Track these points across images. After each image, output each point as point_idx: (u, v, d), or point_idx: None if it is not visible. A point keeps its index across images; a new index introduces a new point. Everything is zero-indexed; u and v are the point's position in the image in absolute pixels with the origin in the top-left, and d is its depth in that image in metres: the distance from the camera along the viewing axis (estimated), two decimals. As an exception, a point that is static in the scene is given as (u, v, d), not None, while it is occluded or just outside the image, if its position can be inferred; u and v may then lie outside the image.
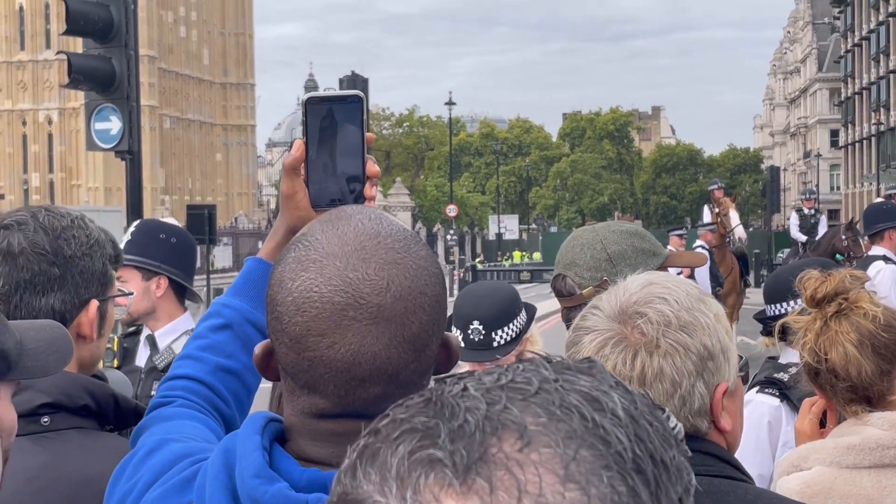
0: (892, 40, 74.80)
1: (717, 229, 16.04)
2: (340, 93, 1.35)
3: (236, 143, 68.29)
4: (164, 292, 3.28)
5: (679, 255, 2.31)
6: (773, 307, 3.24)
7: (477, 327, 2.91)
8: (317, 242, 1.07)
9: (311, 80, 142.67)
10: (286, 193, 1.38)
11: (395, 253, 1.06)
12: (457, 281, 43.21)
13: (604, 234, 2.14)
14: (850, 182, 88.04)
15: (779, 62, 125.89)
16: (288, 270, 1.07)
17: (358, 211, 1.12)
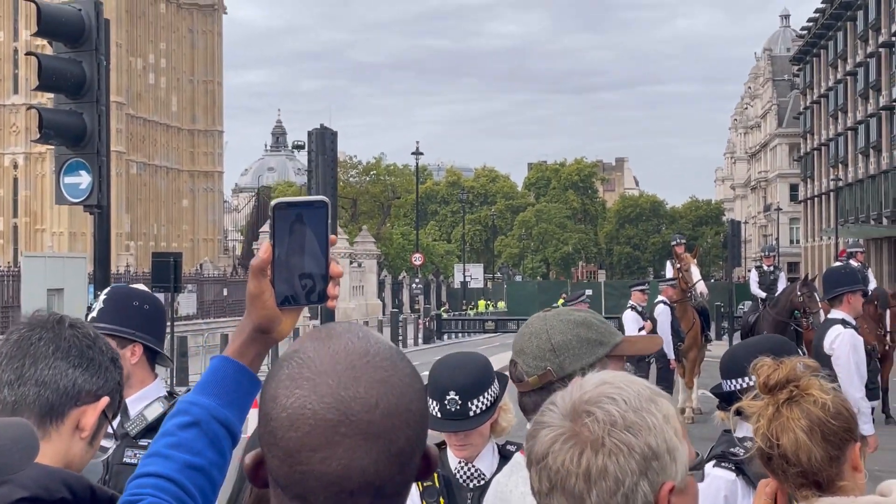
0: (849, 99, 76.36)
1: (678, 284, 16.27)
2: (307, 198, 1.43)
3: (203, 189, 68.11)
4: (139, 359, 3.36)
5: (632, 343, 2.25)
6: (729, 383, 3.27)
7: (453, 397, 3.00)
8: (309, 360, 1.13)
9: (280, 126, 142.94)
10: (253, 293, 1.44)
11: (384, 371, 1.13)
12: (421, 330, 43.18)
13: (551, 323, 2.18)
14: (810, 236, 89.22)
15: (740, 117, 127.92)
16: (282, 387, 1.13)
17: (347, 329, 1.18)
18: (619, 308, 25.81)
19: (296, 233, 1.41)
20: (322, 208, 1.42)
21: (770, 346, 3.12)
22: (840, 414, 2.08)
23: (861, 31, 73.07)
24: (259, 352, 1.50)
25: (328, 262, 1.43)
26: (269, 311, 1.43)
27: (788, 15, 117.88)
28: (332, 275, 1.43)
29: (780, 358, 2.91)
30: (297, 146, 34.89)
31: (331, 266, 1.43)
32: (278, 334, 1.48)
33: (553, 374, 2.12)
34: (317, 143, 16.44)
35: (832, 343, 6.77)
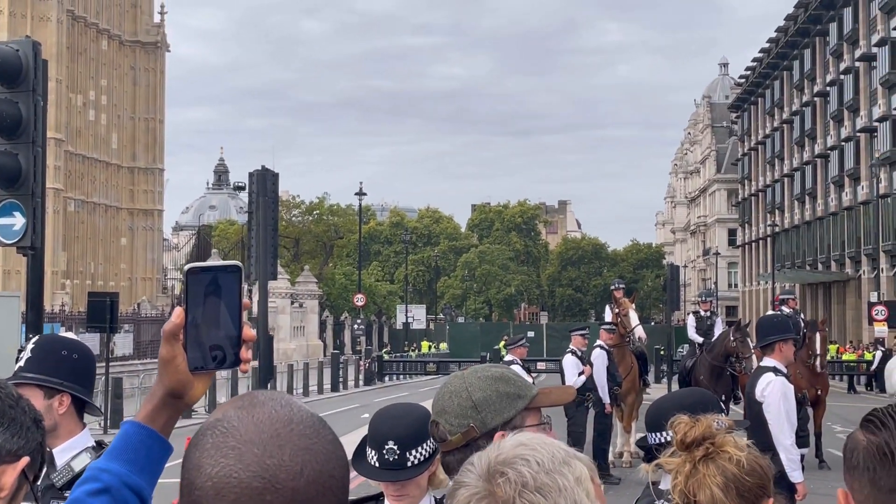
0: (786, 146, 78.10)
1: (617, 329, 16.44)
2: (220, 263, 1.45)
3: (142, 227, 67.27)
4: (67, 409, 3.31)
5: (547, 395, 2.27)
6: (654, 436, 3.30)
7: (392, 447, 3.01)
8: (234, 429, 1.14)
9: (222, 164, 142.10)
10: (166, 358, 1.45)
11: (308, 439, 1.15)
12: (362, 371, 42.92)
13: (470, 380, 2.23)
14: (747, 280, 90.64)
15: (680, 162, 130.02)
16: (206, 455, 1.14)
17: (270, 397, 1.20)
18: (561, 350, 25.96)
19: (209, 297, 1.43)
20: (235, 273, 1.44)
21: (692, 400, 3.18)
22: (754, 471, 2.12)
23: (797, 80, 74.94)
24: (171, 417, 1.50)
25: (241, 326, 1.44)
26: (181, 376, 1.44)
27: (727, 63, 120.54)
28: (244, 339, 1.45)
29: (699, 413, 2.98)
30: (239, 187, 34.67)
31: (243, 330, 1.45)
32: (190, 399, 1.49)
33: (476, 431, 2.15)
34: (258, 184, 16.41)
35: (763, 391, 6.87)
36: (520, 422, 2.19)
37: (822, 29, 68.46)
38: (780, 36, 77.23)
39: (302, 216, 77.82)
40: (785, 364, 7.06)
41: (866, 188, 59.26)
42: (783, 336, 6.98)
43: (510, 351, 14.11)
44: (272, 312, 48.73)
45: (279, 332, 53.32)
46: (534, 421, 2.21)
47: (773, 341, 6.95)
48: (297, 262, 70.58)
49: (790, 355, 7.13)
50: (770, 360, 6.99)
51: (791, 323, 8.00)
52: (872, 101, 59.32)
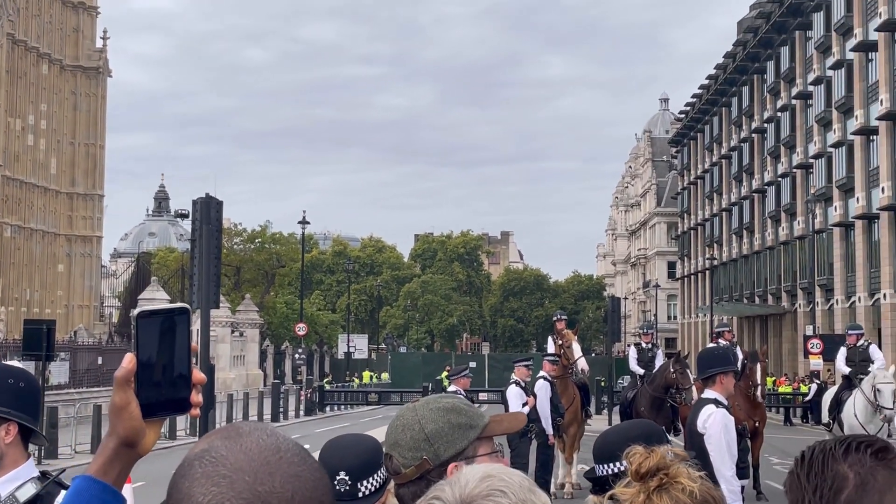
0: (724, 181, 79.46)
1: (560, 361, 16.53)
2: (169, 307, 1.45)
3: (80, 254, 66.17)
4: (13, 439, 3.27)
5: (499, 423, 2.29)
6: (601, 467, 3.29)
7: (343, 478, 3.01)
8: (223, 458, 1.17)
9: (163, 191, 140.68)
10: (119, 405, 1.41)
11: (296, 466, 1.19)
12: (303, 401, 42.56)
13: (422, 413, 2.24)
14: (686, 312, 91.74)
15: (621, 195, 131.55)
16: (197, 485, 1.16)
17: (255, 427, 1.23)
18: (502, 381, 26.00)
19: (159, 341, 1.43)
20: (184, 315, 1.44)
21: (639, 432, 3.22)
22: (706, 502, 2.13)
23: (735, 117, 76.42)
24: (123, 468, 1.47)
25: (191, 369, 1.44)
26: (135, 423, 1.42)
27: (668, 98, 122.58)
28: (195, 382, 1.44)
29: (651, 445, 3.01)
30: (181, 214, 34.18)
31: (193, 373, 1.44)
32: (143, 448, 1.45)
33: (429, 463, 2.16)
34: (202, 212, 16.28)
35: (705, 422, 6.94)
36: (472, 452, 2.20)
37: (760, 67, 70.00)
38: (720, 73, 78.78)
39: (244, 244, 77.22)
40: (725, 396, 7.13)
41: (802, 223, 60.48)
42: (724, 368, 7.05)
43: (453, 381, 14.10)
44: (212, 341, 48.18)
45: (219, 362, 52.70)
46: (486, 450, 2.22)
47: (714, 373, 7.03)
48: (238, 290, 69.91)
49: (730, 387, 7.20)
50: (711, 391, 7.05)
51: (731, 355, 8.09)
52: (808, 138, 60.69)
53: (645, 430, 3.29)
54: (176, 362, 1.43)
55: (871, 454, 1.59)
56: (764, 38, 67.54)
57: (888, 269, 48.29)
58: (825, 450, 1.60)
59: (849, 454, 1.59)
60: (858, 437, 1.64)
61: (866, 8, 51.92)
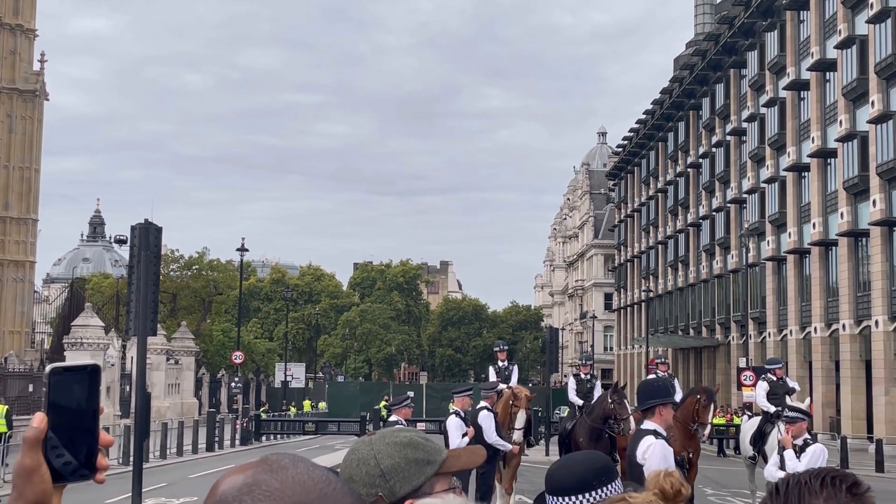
0: (660, 214, 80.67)
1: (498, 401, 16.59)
2: (80, 363, 1.38)
3: (12, 279, 64.82)
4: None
5: (457, 458, 2.24)
6: (555, 499, 3.23)
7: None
8: (278, 491, 1.14)
9: (98, 216, 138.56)
10: (29, 468, 1.31)
11: (348, 496, 1.19)
12: (239, 431, 42.10)
13: (378, 447, 2.18)
14: (623, 343, 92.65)
15: (559, 227, 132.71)
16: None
17: (294, 459, 1.22)
18: (440, 411, 25.98)
19: (70, 400, 1.35)
20: (96, 374, 1.39)
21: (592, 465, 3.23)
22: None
23: (671, 151, 77.74)
24: None
25: (98, 431, 1.38)
26: (46, 486, 1.32)
27: (605, 132, 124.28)
28: (102, 444, 1.38)
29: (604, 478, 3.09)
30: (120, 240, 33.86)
31: (101, 436, 1.38)
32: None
33: (385, 500, 2.11)
34: (140, 238, 16.12)
35: (644, 453, 7.00)
36: (429, 488, 2.13)
37: (696, 103, 71.38)
38: (656, 108, 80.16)
39: (180, 271, 76.32)
40: (664, 427, 7.20)
41: (735, 257, 61.57)
42: (663, 400, 7.12)
43: (394, 411, 14.06)
44: (147, 369, 47.44)
45: (154, 389, 51.91)
46: (443, 486, 2.16)
47: (653, 405, 7.10)
48: (173, 317, 69.01)
49: (669, 418, 7.26)
50: (650, 422, 7.10)
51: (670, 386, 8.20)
52: (742, 173, 61.94)
53: (605, 463, 3.28)
54: (86, 423, 1.35)
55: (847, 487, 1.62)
56: (700, 75, 68.94)
57: (818, 302, 49.37)
58: (801, 483, 1.63)
59: (825, 488, 1.61)
60: (830, 472, 1.67)
61: (799, 48, 53.35)
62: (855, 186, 45.16)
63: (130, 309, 16.60)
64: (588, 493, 3.12)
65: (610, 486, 3.12)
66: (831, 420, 47.70)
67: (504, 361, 19.31)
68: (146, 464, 26.35)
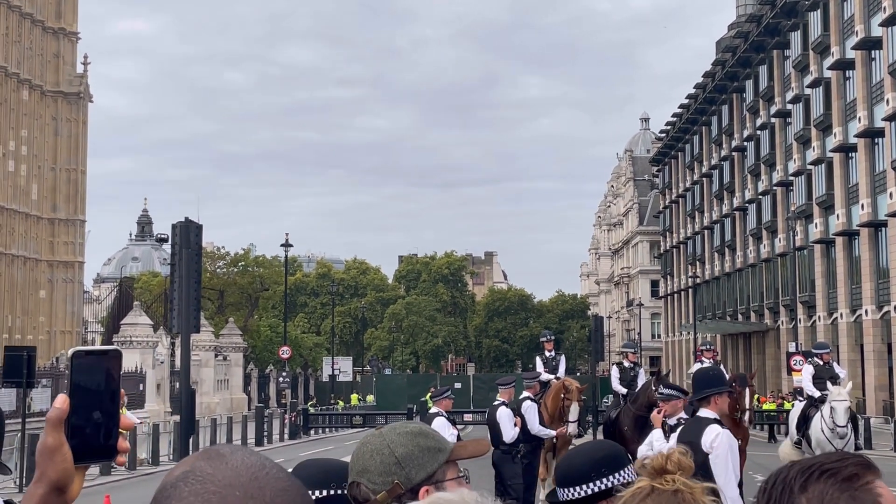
0: (705, 199, 79.87)
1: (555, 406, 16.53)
2: (103, 348, 1.42)
3: (62, 279, 65.87)
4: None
5: (463, 447, 2.31)
6: (564, 491, 3.23)
7: None
8: (210, 476, 1.18)
9: (145, 215, 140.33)
10: (52, 447, 1.36)
11: (283, 481, 1.21)
12: (287, 425, 42.40)
13: (390, 437, 2.26)
14: (670, 331, 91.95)
15: (603, 214, 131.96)
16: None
17: (235, 447, 1.25)
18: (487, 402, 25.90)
19: (92, 384, 1.39)
20: (116, 357, 1.42)
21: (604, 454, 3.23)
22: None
23: (715, 135, 76.89)
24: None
25: (118, 414, 1.41)
26: (68, 466, 1.37)
27: (648, 118, 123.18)
28: (122, 428, 1.41)
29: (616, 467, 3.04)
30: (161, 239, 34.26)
31: (122, 418, 1.42)
32: (71, 495, 1.39)
33: (402, 487, 2.17)
34: (181, 236, 16.26)
35: (712, 442, 6.95)
36: (441, 475, 2.21)
37: (739, 86, 70.52)
38: (699, 92, 79.30)
39: (227, 268, 77.02)
40: (719, 416, 7.23)
41: (783, 240, 60.80)
42: (719, 389, 7.18)
43: (435, 403, 14.03)
44: (195, 365, 47.95)
45: (202, 386, 52.46)
46: (453, 474, 2.23)
47: (709, 394, 7.14)
48: (221, 314, 69.66)
49: (725, 408, 7.33)
50: (707, 411, 7.13)
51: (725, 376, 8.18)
52: (788, 155, 61.11)
53: (609, 451, 3.29)
54: (105, 405, 1.39)
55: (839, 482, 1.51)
56: (742, 58, 68.08)
57: (869, 285, 48.58)
58: (785, 481, 1.55)
59: (808, 486, 1.52)
60: (825, 464, 1.54)
61: (843, 27, 52.45)
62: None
63: (174, 307, 16.75)
64: (588, 484, 3.14)
65: (616, 475, 3.14)
66: (884, 403, 46.94)
67: (551, 351, 19.20)
68: (195, 459, 26.62)
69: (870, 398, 47.61)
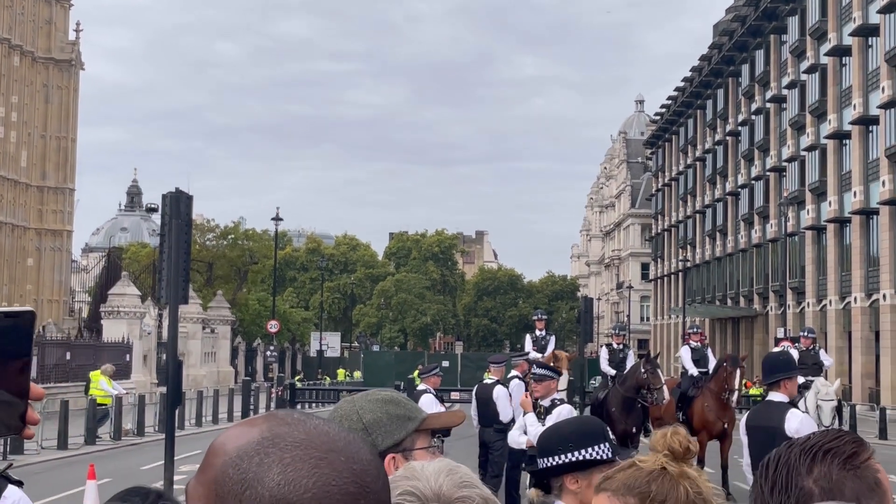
0: (698, 183, 79.81)
1: None
2: (16, 309, 1.23)
3: (50, 248, 65.54)
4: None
5: (437, 417, 2.33)
6: (543, 460, 3.31)
7: None
8: (305, 441, 1.11)
9: (135, 186, 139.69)
10: None
11: (367, 444, 1.17)
12: (274, 399, 42.35)
13: (360, 403, 2.25)
14: (659, 314, 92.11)
15: (595, 196, 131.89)
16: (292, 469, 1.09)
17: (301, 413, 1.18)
18: (475, 380, 25.85)
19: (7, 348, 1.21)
20: (30, 320, 1.23)
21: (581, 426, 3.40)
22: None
23: (710, 119, 76.75)
24: None
25: (29, 381, 1.24)
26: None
27: (643, 100, 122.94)
28: (32, 397, 1.25)
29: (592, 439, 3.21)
30: (151, 209, 34.06)
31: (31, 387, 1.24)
32: None
33: None
34: (171, 206, 16.04)
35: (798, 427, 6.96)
36: (410, 444, 2.22)
37: (735, 70, 70.32)
38: (695, 75, 79.10)
39: (216, 240, 76.74)
40: (789, 399, 7.38)
41: (774, 226, 60.80)
42: (788, 374, 7.29)
43: (423, 380, 13.95)
44: (182, 337, 47.84)
45: (189, 358, 52.33)
46: (423, 443, 2.25)
47: (779, 378, 7.26)
48: (210, 286, 69.44)
49: (794, 391, 7.46)
50: (778, 394, 7.25)
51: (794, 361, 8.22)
52: (782, 141, 61.02)
53: (583, 426, 3.41)
54: (16, 372, 1.21)
55: (841, 462, 1.51)
56: (739, 42, 67.86)
57: (859, 272, 48.63)
58: (789, 463, 1.51)
59: (814, 467, 1.50)
60: (825, 443, 1.53)
61: (841, 13, 52.26)
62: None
63: (162, 277, 16.58)
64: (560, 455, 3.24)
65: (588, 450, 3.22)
66: (870, 391, 47.09)
67: (542, 331, 19.13)
68: (182, 431, 26.49)
69: (856, 385, 47.77)
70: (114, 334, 44.53)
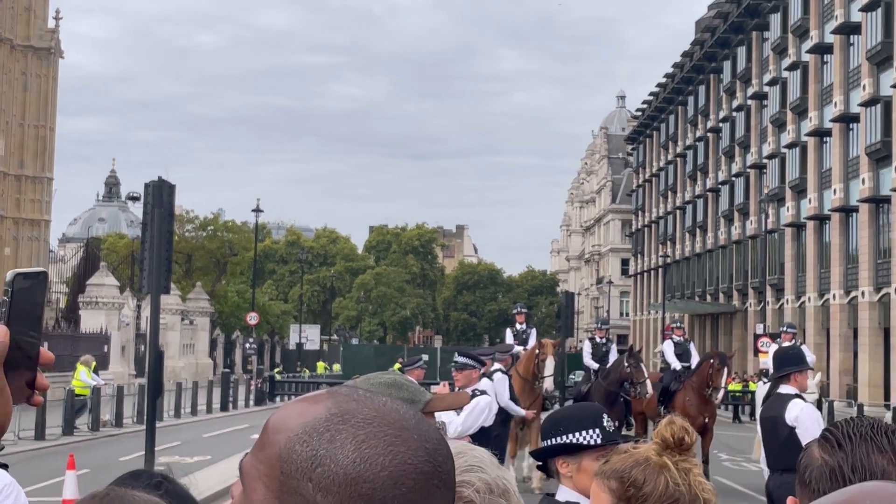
0: (678, 179, 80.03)
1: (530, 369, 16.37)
2: (36, 270, 1.19)
3: (28, 237, 64.98)
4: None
5: (441, 399, 2.31)
6: (547, 441, 3.35)
7: None
8: (378, 418, 1.09)
9: (113, 176, 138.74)
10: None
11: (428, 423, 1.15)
12: (253, 391, 42.19)
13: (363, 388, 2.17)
14: (639, 309, 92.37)
15: (576, 191, 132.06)
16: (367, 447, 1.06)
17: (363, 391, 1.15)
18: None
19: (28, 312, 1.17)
20: (44, 280, 1.20)
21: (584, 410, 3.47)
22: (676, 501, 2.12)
23: (691, 116, 76.95)
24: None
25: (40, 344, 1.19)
26: (9, 409, 1.20)
27: (624, 96, 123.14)
28: (41, 362, 1.20)
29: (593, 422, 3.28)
30: (133, 197, 33.80)
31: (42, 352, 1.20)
32: None
33: None
34: (153, 195, 15.89)
35: (797, 416, 7.16)
36: None
37: (717, 66, 70.51)
38: (676, 72, 79.26)
39: (195, 231, 76.31)
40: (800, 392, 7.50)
41: (754, 223, 61.04)
42: (798, 367, 7.47)
43: (407, 373, 13.85)
44: (162, 329, 47.47)
45: (168, 349, 52.03)
46: None
47: (789, 372, 7.43)
48: (188, 278, 69.06)
49: (805, 384, 7.60)
50: (788, 387, 7.39)
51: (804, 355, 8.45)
52: (762, 138, 61.25)
53: (589, 409, 3.50)
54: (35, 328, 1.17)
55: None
56: (721, 38, 68.03)
57: (837, 269, 48.88)
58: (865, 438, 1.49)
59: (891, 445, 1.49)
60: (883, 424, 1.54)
61: (823, 11, 52.46)
62: (877, 152, 44.52)
63: (144, 266, 16.41)
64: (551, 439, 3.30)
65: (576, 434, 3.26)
66: (848, 388, 47.38)
67: (522, 324, 19.10)
68: (160, 423, 26.32)
69: (834, 382, 48.05)
70: (92, 325, 44.19)
